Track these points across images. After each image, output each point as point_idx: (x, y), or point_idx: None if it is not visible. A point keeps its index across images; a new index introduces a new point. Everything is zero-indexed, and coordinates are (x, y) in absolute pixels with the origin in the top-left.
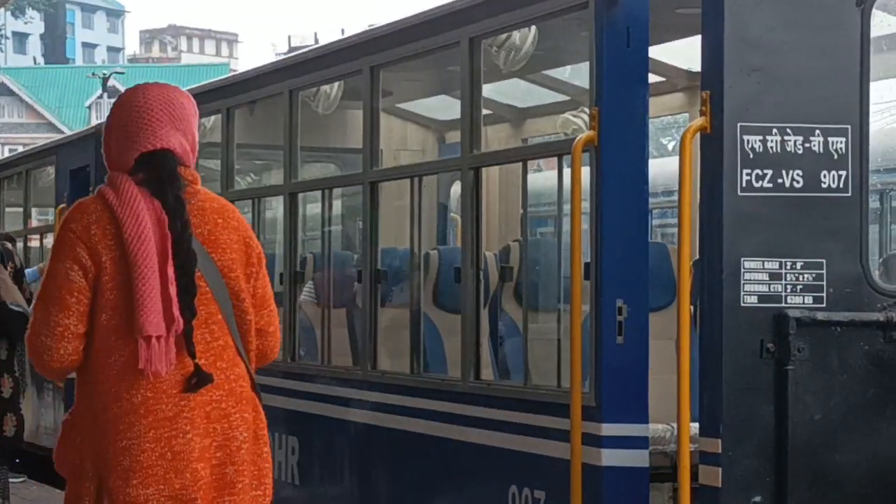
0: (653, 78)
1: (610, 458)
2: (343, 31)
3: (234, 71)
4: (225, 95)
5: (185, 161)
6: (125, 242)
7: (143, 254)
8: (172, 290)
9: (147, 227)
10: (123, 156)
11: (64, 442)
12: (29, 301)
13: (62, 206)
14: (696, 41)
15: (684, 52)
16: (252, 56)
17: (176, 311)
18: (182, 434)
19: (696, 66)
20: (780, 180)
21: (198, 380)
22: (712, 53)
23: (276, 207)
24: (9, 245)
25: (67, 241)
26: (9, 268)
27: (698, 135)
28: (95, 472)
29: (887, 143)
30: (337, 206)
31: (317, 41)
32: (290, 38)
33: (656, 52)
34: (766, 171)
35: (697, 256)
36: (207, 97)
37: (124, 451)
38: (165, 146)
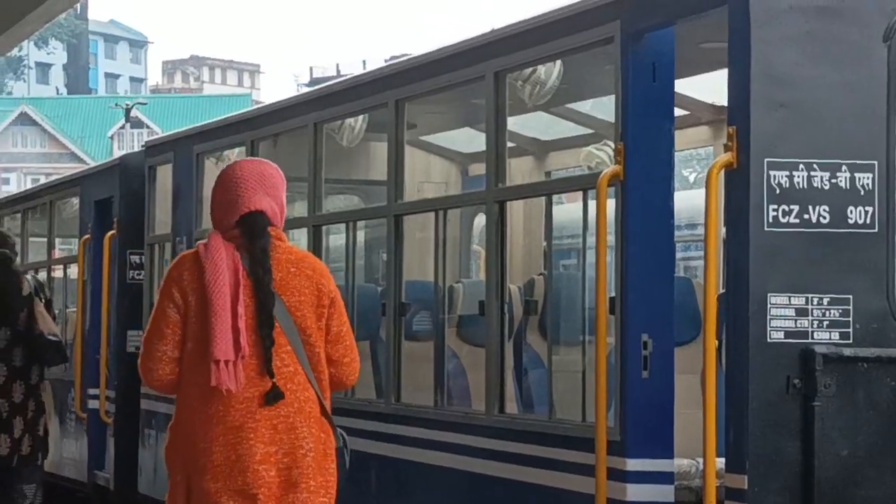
0: (677, 111)
1: (635, 493)
2: (364, 62)
3: (257, 101)
4: (250, 128)
5: (273, 221)
6: (205, 285)
7: (218, 294)
8: (242, 324)
9: (223, 274)
10: (226, 219)
11: (167, 443)
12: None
13: (86, 237)
14: (720, 75)
15: (708, 86)
16: (274, 87)
17: (243, 341)
18: (246, 441)
19: (721, 99)
20: (806, 216)
21: (272, 396)
22: (739, 89)
23: (299, 239)
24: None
25: (166, 285)
26: (42, 298)
27: (724, 170)
28: (184, 468)
29: None
30: (361, 237)
31: (338, 72)
32: (311, 69)
33: (681, 85)
34: (792, 207)
35: (722, 290)
36: (232, 129)
37: (201, 452)
38: (258, 208)
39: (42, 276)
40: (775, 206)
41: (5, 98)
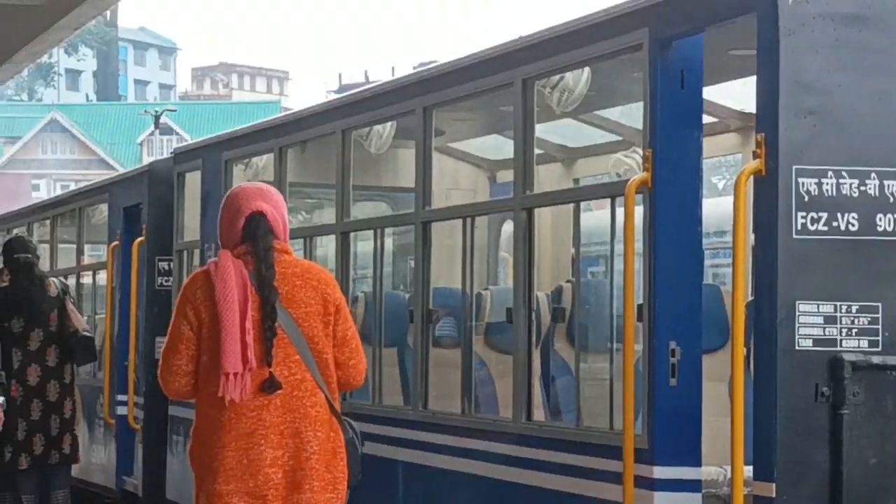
0: (706, 118)
1: (662, 501)
2: (393, 69)
3: (285, 108)
4: (278, 135)
5: (276, 228)
6: (216, 302)
7: (228, 311)
8: (249, 338)
9: (232, 291)
10: (231, 231)
11: (190, 447)
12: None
13: (115, 243)
14: (748, 82)
15: (737, 92)
16: (302, 94)
17: (250, 354)
18: (257, 446)
19: (749, 106)
20: (835, 223)
21: (268, 385)
22: (767, 96)
23: (327, 245)
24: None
25: (181, 303)
26: (71, 299)
27: (752, 177)
28: (199, 471)
29: None
30: (388, 244)
31: (367, 79)
32: (340, 75)
33: (709, 92)
34: (821, 214)
35: (751, 298)
36: (260, 136)
37: (214, 456)
38: (258, 210)
39: (71, 282)
40: (804, 214)
41: (35, 104)
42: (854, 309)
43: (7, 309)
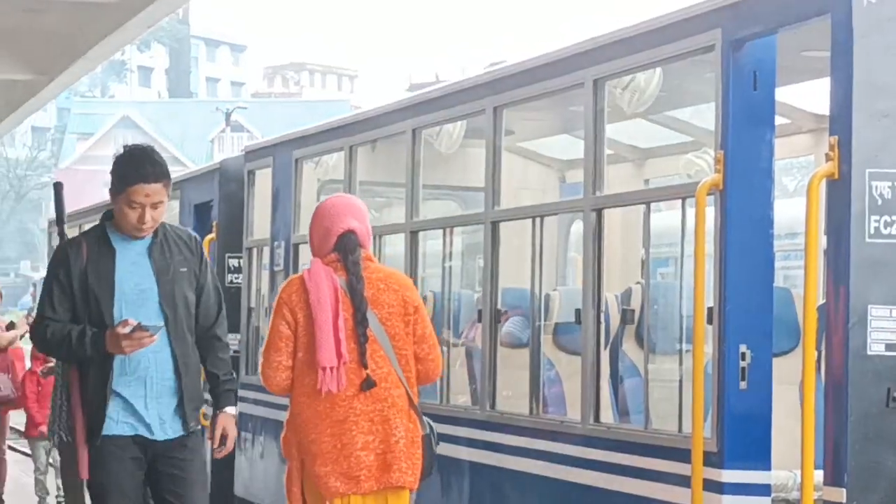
0: (778, 120)
1: None
2: (463, 70)
3: (354, 107)
4: (348, 133)
5: (363, 241)
6: (310, 304)
7: (321, 311)
8: (342, 335)
9: (325, 294)
10: (324, 244)
11: (284, 434)
12: None
13: None
14: (821, 83)
15: (809, 94)
16: (371, 93)
17: (343, 350)
18: (348, 432)
19: (822, 108)
20: None
21: (366, 384)
22: (841, 98)
23: (396, 244)
24: None
25: (278, 306)
26: None
27: (825, 180)
28: (298, 454)
29: None
30: (457, 243)
31: (437, 80)
32: (410, 74)
33: (781, 93)
34: (894, 218)
35: (822, 301)
36: (331, 135)
37: (311, 442)
38: (349, 228)
39: None
40: (877, 217)
41: (108, 101)
42: None
43: None
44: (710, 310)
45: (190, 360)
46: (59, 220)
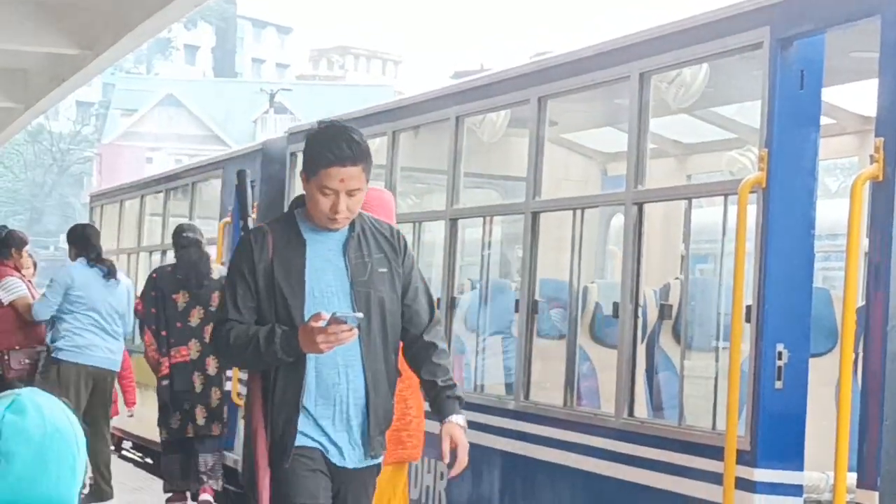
0: (823, 120)
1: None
2: (509, 60)
3: (398, 93)
4: (392, 118)
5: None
6: None
7: None
8: None
9: None
10: None
11: None
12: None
13: (226, 220)
14: (868, 84)
15: (856, 94)
16: (415, 79)
17: None
18: None
19: (867, 109)
20: None
21: None
22: (888, 100)
23: (435, 231)
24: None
25: None
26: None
27: (869, 182)
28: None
29: None
30: (497, 233)
31: (482, 68)
32: (455, 63)
33: (827, 93)
34: None
35: (861, 303)
36: (373, 120)
37: None
38: None
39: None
40: None
41: (152, 78)
42: None
43: (173, 283)
44: (748, 308)
45: (380, 377)
46: (243, 210)
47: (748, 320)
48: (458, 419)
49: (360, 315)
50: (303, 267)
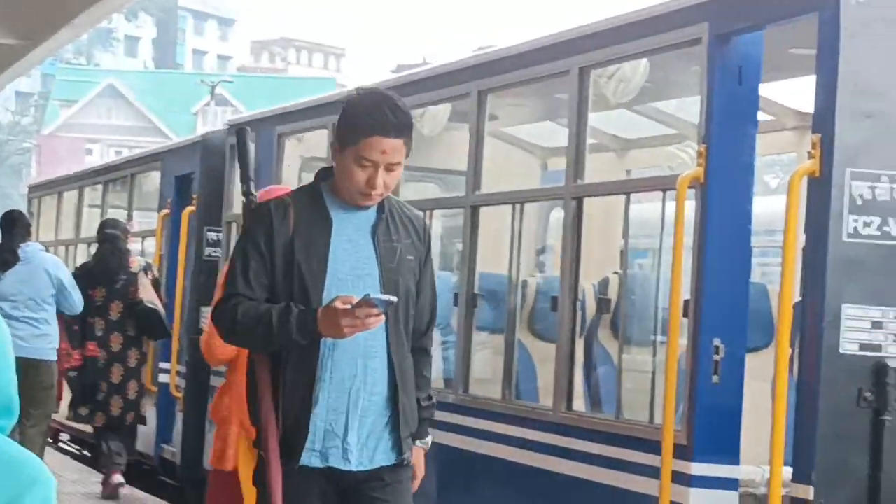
0: (761, 116)
1: (698, 497)
2: (450, 53)
3: (341, 86)
4: (332, 112)
5: None
6: None
7: None
8: None
9: None
10: None
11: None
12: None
13: (165, 211)
14: (806, 81)
15: (793, 91)
16: (358, 72)
17: None
18: None
19: (805, 105)
20: (886, 228)
21: None
22: (825, 97)
23: None
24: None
25: None
26: (149, 275)
27: (806, 177)
28: None
29: None
30: (437, 226)
31: (424, 62)
32: (398, 56)
33: (766, 90)
34: (873, 219)
35: (799, 299)
36: (314, 112)
37: None
38: None
39: None
40: (856, 217)
41: (93, 69)
42: None
43: (90, 279)
44: (686, 302)
45: (407, 371)
46: (245, 174)
47: (686, 315)
48: (426, 443)
49: (395, 299)
50: (327, 248)
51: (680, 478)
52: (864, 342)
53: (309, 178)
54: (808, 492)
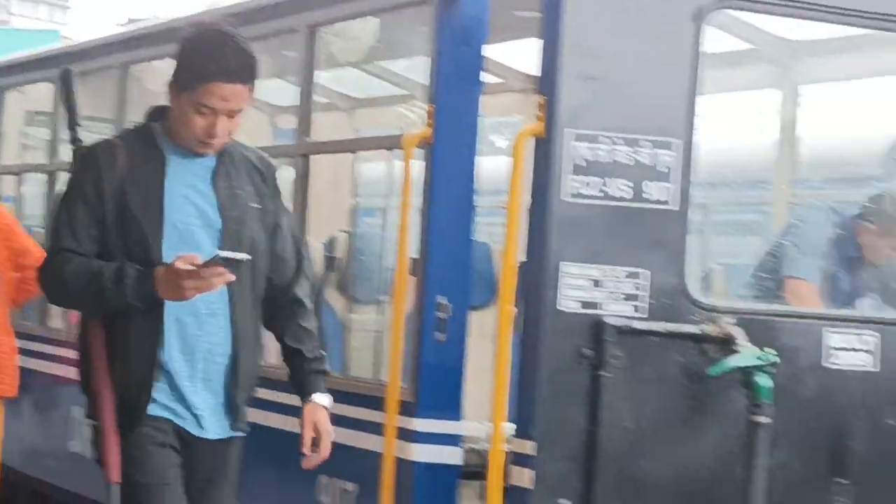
0: (489, 78)
1: (422, 453)
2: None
3: (65, 38)
4: (57, 65)
5: None
6: None
7: None
8: None
9: None
10: None
11: None
12: None
13: None
14: (533, 43)
15: (521, 54)
16: (85, 24)
17: None
18: None
19: (532, 68)
20: (606, 189)
21: None
22: (549, 59)
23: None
24: None
25: None
26: None
27: (532, 139)
28: None
29: (709, 159)
30: None
31: (156, 17)
32: (127, 9)
33: (493, 52)
34: (593, 179)
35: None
36: (38, 65)
37: None
38: None
39: None
40: (577, 178)
41: None
42: (621, 274)
43: None
44: (413, 261)
45: (249, 332)
46: (72, 120)
47: (413, 273)
48: (323, 399)
49: (248, 256)
50: (161, 191)
51: (405, 434)
52: (584, 300)
53: (33, 132)
54: (530, 447)
